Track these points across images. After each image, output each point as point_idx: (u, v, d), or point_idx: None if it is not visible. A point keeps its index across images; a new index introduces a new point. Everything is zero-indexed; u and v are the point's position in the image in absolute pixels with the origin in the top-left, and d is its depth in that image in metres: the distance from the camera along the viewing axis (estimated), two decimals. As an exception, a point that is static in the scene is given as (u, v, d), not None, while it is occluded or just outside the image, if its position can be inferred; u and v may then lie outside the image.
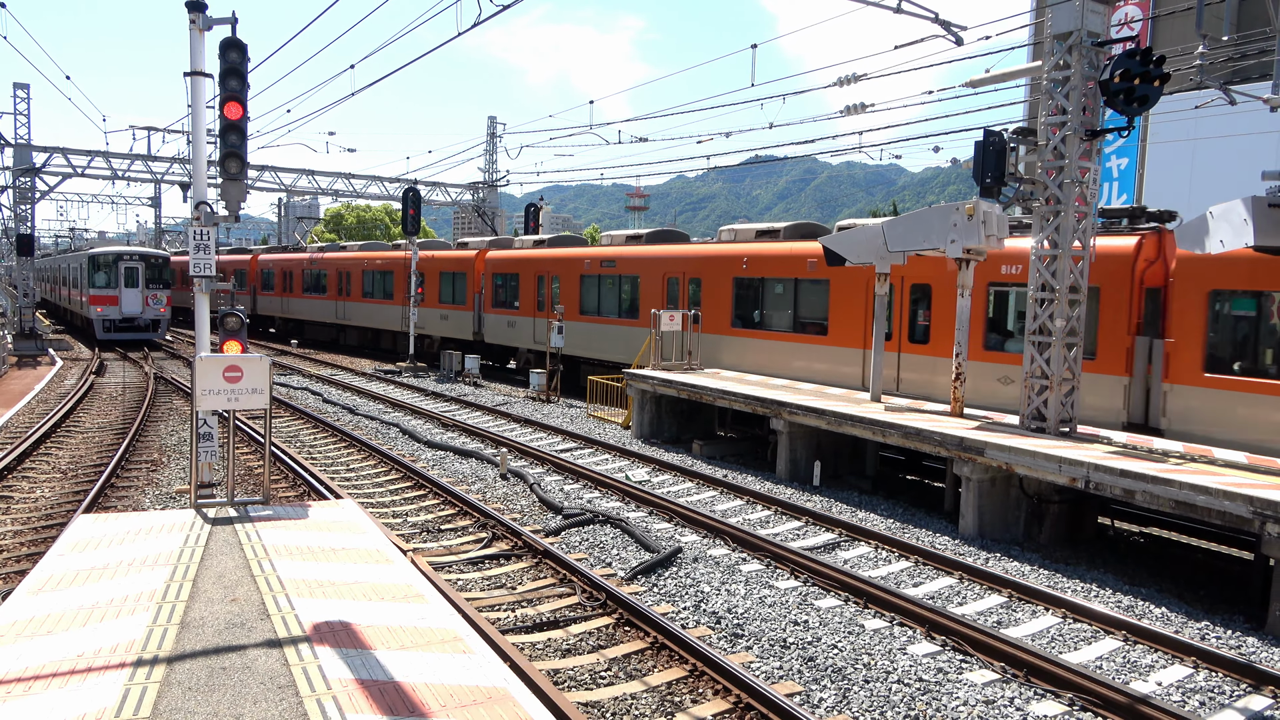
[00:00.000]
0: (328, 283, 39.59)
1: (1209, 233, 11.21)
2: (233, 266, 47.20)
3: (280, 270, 43.59)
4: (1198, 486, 9.68)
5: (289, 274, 42.61)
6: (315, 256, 40.94)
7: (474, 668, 5.52)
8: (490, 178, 46.33)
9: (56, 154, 37.70)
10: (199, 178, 11.72)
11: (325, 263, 39.95)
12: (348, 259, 38.27)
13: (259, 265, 45.89)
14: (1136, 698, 7.19)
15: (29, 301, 37.48)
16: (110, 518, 8.50)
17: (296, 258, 42.69)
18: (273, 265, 44.51)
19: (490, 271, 30.20)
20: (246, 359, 8.84)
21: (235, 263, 47.98)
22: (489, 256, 30.46)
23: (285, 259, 43.86)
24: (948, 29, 15.16)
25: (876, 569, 10.85)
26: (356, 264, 37.40)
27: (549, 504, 13.38)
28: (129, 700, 4.90)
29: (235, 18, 11.28)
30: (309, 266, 40.84)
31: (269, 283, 44.71)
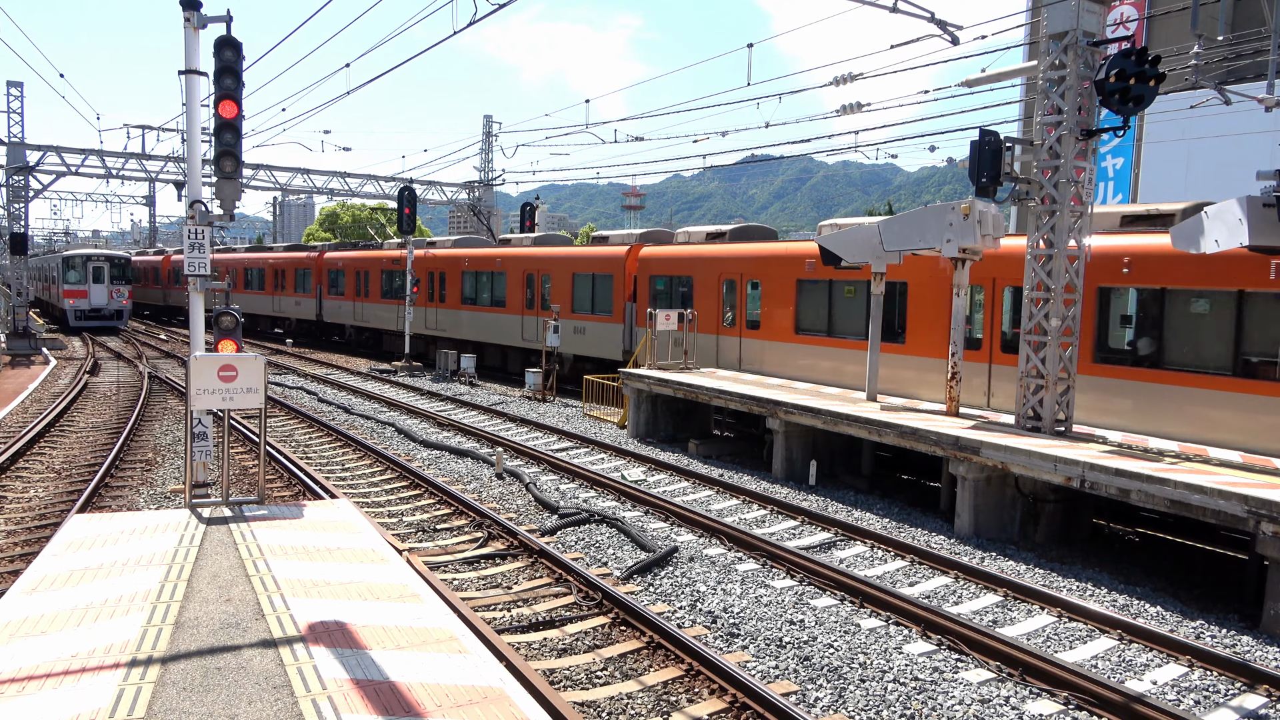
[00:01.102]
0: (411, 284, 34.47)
1: (1204, 232, 11.22)
2: (293, 265, 42.50)
3: (353, 270, 37.69)
4: (1193, 486, 9.70)
5: (362, 274, 36.98)
6: (399, 255, 34.45)
7: (470, 668, 5.51)
8: (486, 177, 46.29)
9: (50, 152, 37.60)
10: (194, 176, 11.69)
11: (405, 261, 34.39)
12: (440, 257, 32.58)
13: (325, 265, 40.22)
14: (1132, 697, 7.21)
15: (23, 300, 37.38)
16: (104, 517, 8.47)
17: (372, 256, 36.82)
18: (343, 265, 38.50)
19: (649, 273, 23.18)
20: (241, 358, 8.82)
21: (296, 261, 42.57)
22: (646, 254, 23.59)
23: (358, 258, 37.81)
24: (944, 28, 15.17)
25: (872, 568, 10.86)
26: (452, 263, 31.69)
27: (545, 503, 13.36)
28: (123, 700, 4.88)
29: (230, 16, 11.24)
30: (389, 266, 35.01)
31: (338, 285, 39.06)
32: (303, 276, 41.57)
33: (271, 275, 44.14)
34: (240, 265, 47.70)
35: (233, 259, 48.81)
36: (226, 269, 46.87)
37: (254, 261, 46.54)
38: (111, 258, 45.03)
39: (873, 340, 15.72)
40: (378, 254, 36.52)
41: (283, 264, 43.28)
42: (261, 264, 45.71)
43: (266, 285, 44.44)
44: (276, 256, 44.75)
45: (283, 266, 43.08)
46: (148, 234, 75.67)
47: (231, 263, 48.03)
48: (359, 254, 37.98)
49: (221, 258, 48.12)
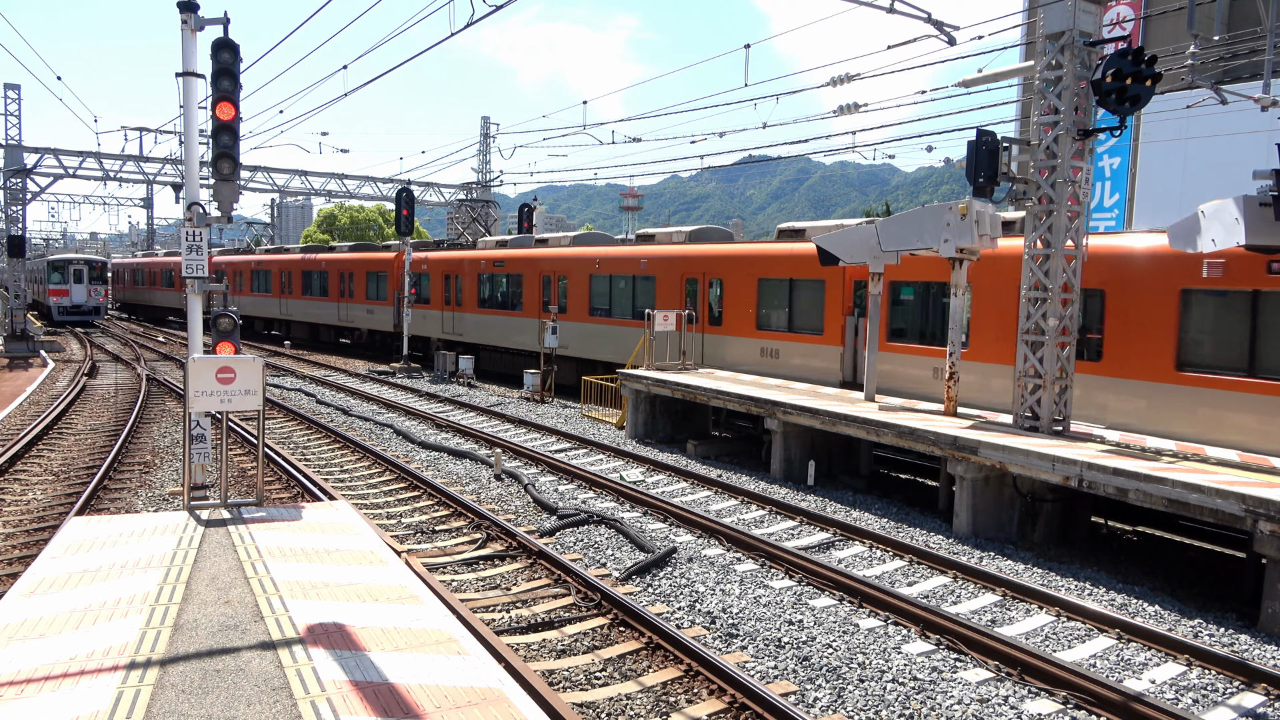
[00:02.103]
0: (526, 292, 27.34)
1: (1200, 231, 11.24)
2: (363, 267, 36.52)
3: (443, 273, 31.77)
4: (1190, 485, 9.72)
5: (452, 278, 31.07)
6: (507, 255, 28.60)
7: (469, 669, 5.51)
8: (484, 178, 46.30)
9: (48, 155, 37.58)
10: (191, 178, 11.69)
11: (524, 262, 27.72)
12: (562, 257, 26.23)
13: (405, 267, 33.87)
14: (1130, 696, 7.22)
15: (20, 303, 37.34)
16: (103, 520, 8.47)
17: (469, 256, 30.68)
18: (428, 266, 32.56)
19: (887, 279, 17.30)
20: (239, 360, 8.81)
21: (370, 263, 36.36)
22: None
23: (449, 258, 31.72)
24: (940, 29, 15.20)
25: (871, 568, 10.86)
26: (579, 264, 25.42)
27: (544, 504, 13.36)
28: (122, 703, 4.88)
29: (227, 18, 11.25)
30: (493, 269, 29.13)
31: (421, 290, 33.05)
32: (376, 281, 35.65)
33: (336, 279, 38.34)
34: (295, 267, 42.13)
35: (287, 260, 43.72)
36: (280, 270, 43.07)
37: (313, 263, 40.81)
38: (90, 261, 51.31)
39: (871, 340, 15.73)
40: (476, 254, 30.32)
41: (350, 266, 37.39)
42: (323, 265, 39.77)
43: (330, 290, 38.83)
44: (342, 257, 38.64)
45: (350, 269, 37.25)
46: (145, 236, 75.58)
47: (285, 264, 43.24)
48: (449, 254, 32.01)
49: (274, 258, 44.68)
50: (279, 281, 43.58)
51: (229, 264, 48.55)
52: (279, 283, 43.45)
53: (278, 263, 44.13)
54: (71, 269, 49.63)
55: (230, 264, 48.47)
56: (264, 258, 45.95)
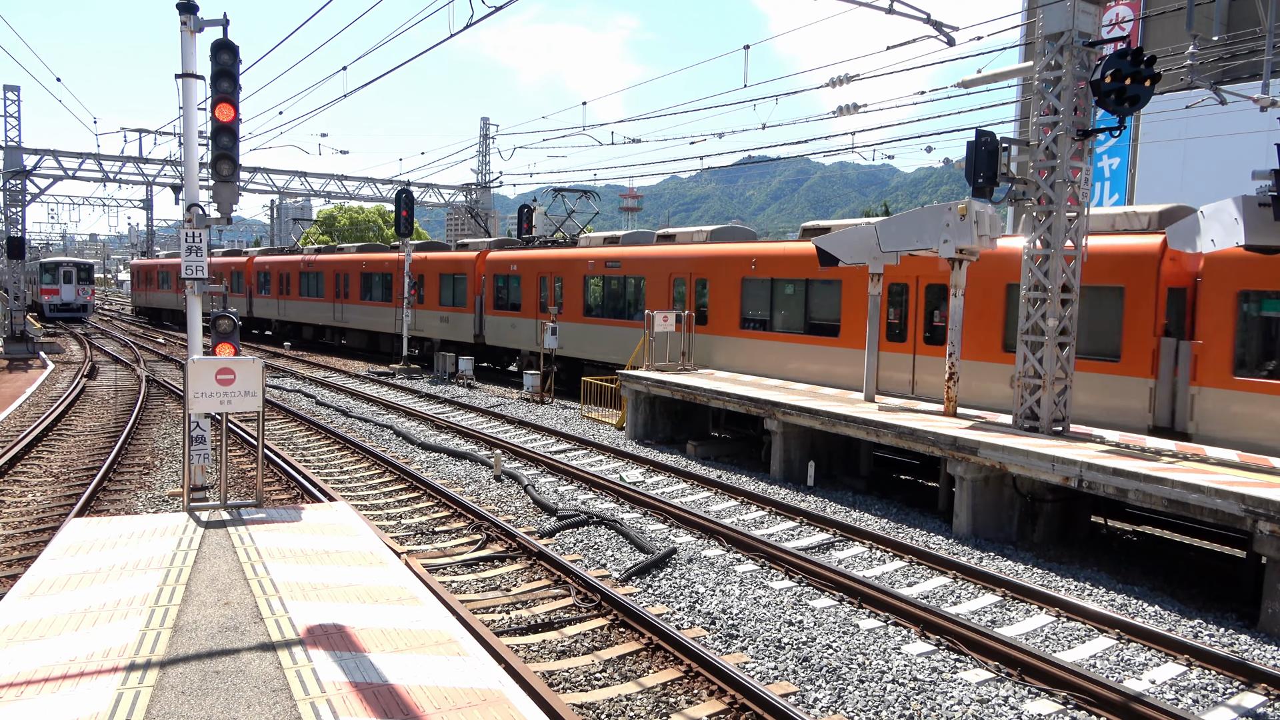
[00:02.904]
0: (649, 298, 22.73)
1: (1200, 232, 11.25)
2: (435, 269, 32.30)
3: (538, 275, 27.06)
4: (1190, 485, 9.72)
5: (549, 279, 26.56)
6: (617, 255, 24.22)
7: (469, 670, 5.51)
8: (483, 179, 46.33)
9: (47, 156, 37.56)
10: (191, 180, 11.69)
11: (646, 262, 23.09)
12: (702, 256, 21.54)
13: (488, 268, 29.66)
14: (1130, 696, 7.21)
15: (20, 304, 37.32)
16: (102, 521, 8.47)
17: (569, 255, 26.12)
18: (521, 268, 28.03)
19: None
20: (239, 361, 8.81)
21: (445, 264, 32.03)
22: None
23: (542, 258, 27.26)
24: (939, 29, 15.21)
25: (871, 569, 10.86)
26: (713, 264, 21.01)
27: (543, 505, 13.36)
28: (122, 704, 4.88)
29: (226, 19, 11.26)
30: (601, 270, 24.57)
31: (507, 295, 28.53)
32: (452, 284, 31.25)
33: (402, 282, 33.75)
34: (352, 268, 37.10)
35: (342, 260, 38.37)
36: (334, 272, 38.28)
37: (375, 264, 35.99)
38: (78, 264, 55.94)
39: (870, 341, 15.73)
40: (579, 253, 25.84)
41: (420, 267, 33.01)
42: (386, 266, 35.04)
43: (395, 295, 33.99)
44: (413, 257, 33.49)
45: (421, 270, 32.99)
46: (145, 237, 75.60)
47: (340, 265, 38.12)
48: (546, 254, 27.30)
49: (327, 259, 39.71)
50: (333, 284, 38.46)
51: (273, 264, 44.22)
52: (333, 286, 38.49)
53: (331, 264, 38.78)
54: (61, 270, 54.28)
55: (275, 265, 44.09)
56: (315, 258, 41.01)
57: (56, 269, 54.58)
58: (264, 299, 45.35)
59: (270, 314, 44.65)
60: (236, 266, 48.59)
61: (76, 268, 55.26)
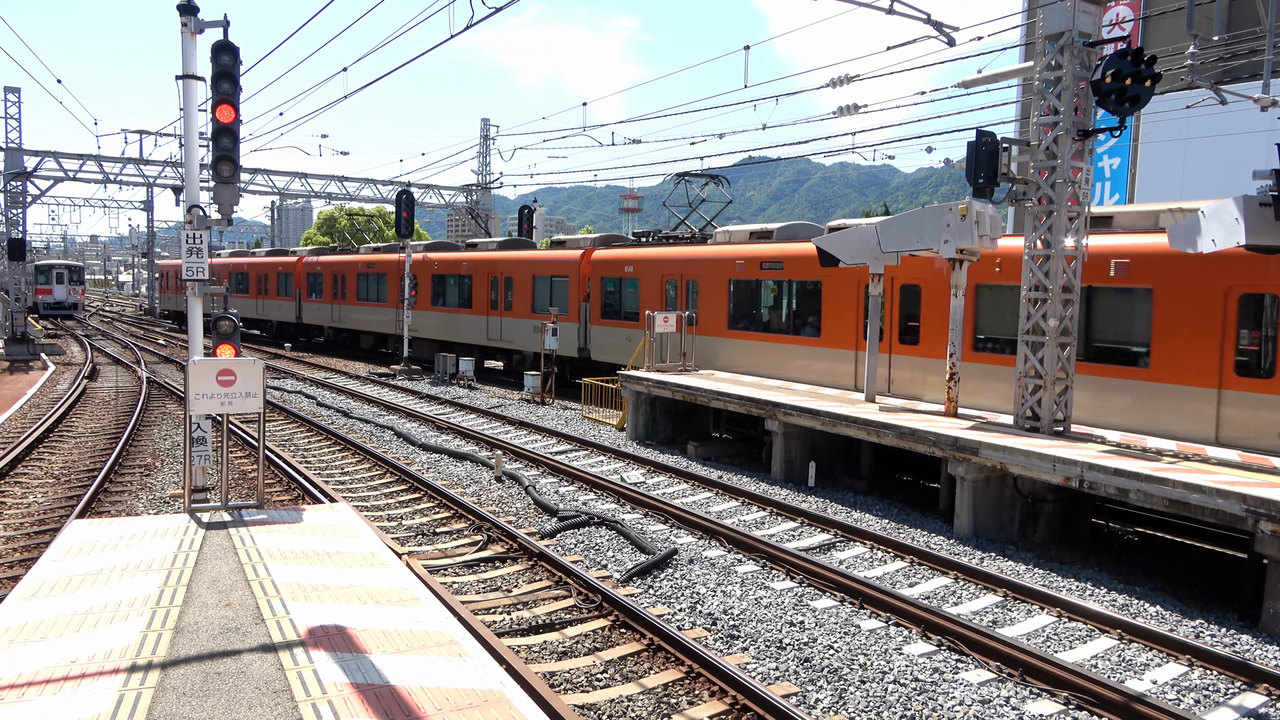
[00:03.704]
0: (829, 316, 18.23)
1: (1201, 232, 11.24)
2: (529, 269, 27.62)
3: (662, 277, 22.57)
4: (1191, 485, 9.71)
5: (678, 283, 22.06)
6: (777, 254, 19.38)
7: (470, 671, 5.51)
8: (484, 180, 46.35)
9: (48, 158, 37.58)
10: (191, 181, 11.69)
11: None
12: None
13: (594, 269, 24.99)
14: (1132, 696, 7.21)
15: (21, 306, 37.34)
16: (104, 523, 8.47)
17: (708, 255, 21.41)
18: (636, 269, 23.56)
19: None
20: (240, 363, 8.82)
21: (535, 263, 27.59)
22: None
23: (669, 257, 22.62)
24: (940, 30, 15.21)
25: (872, 569, 10.86)
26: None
27: (544, 506, 13.36)
28: (123, 706, 4.88)
29: (227, 20, 11.26)
30: (755, 273, 19.98)
31: (619, 302, 24.26)
32: (549, 289, 26.71)
33: (486, 285, 29.22)
34: (421, 270, 32.83)
35: (434, 260, 33.51)
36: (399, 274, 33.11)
37: (449, 264, 31.66)
38: (69, 266, 62.38)
39: (871, 340, 15.72)
40: (722, 251, 21.01)
41: (509, 267, 28.41)
42: (464, 268, 30.46)
43: (476, 301, 29.66)
44: (496, 257, 29.22)
45: (508, 271, 28.36)
46: (146, 239, 75.63)
47: (432, 265, 33.20)
48: (675, 252, 22.55)
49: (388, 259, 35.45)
50: (397, 288, 33.94)
51: (327, 265, 39.61)
52: (397, 289, 33.86)
53: (395, 265, 34.27)
54: (54, 272, 60.32)
55: (329, 265, 39.46)
56: (376, 257, 36.38)
57: (50, 271, 60.33)
58: (315, 303, 40.73)
59: (322, 320, 40.38)
60: (284, 267, 43.52)
61: (68, 270, 61.80)
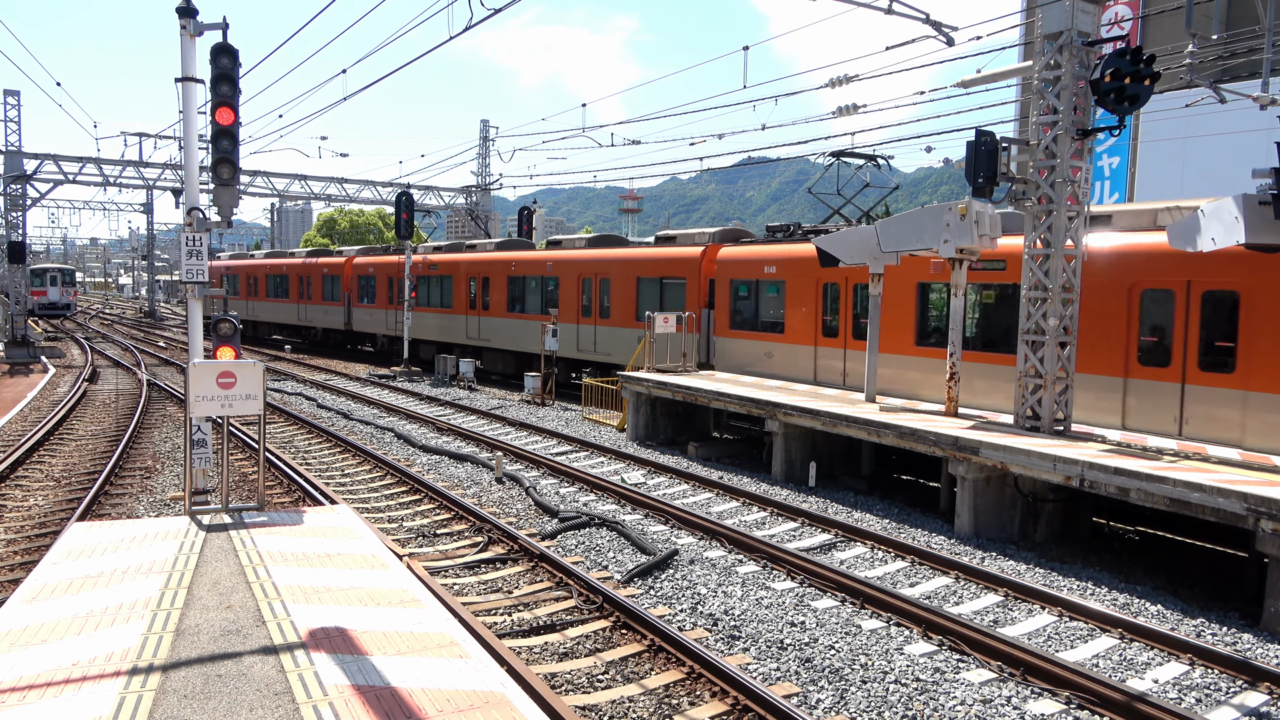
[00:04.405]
0: None
1: (1200, 231, 11.24)
2: (625, 271, 23.91)
3: (817, 280, 18.42)
4: (1192, 484, 9.71)
5: (843, 288, 18.08)
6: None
7: (471, 672, 5.51)
8: (483, 181, 46.36)
9: (48, 161, 37.56)
10: (191, 183, 11.69)
11: None
12: None
13: (721, 270, 21.07)
14: (1133, 695, 7.21)
15: (21, 309, 37.34)
16: (104, 525, 8.47)
17: None
18: (776, 270, 19.66)
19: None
20: (240, 365, 8.82)
21: (645, 263, 23.59)
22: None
23: None
24: (939, 29, 15.20)
25: (873, 569, 10.86)
26: None
27: (545, 507, 13.36)
28: (124, 708, 4.88)
29: (226, 23, 11.26)
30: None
31: (755, 311, 20.27)
32: (658, 291, 22.80)
33: (575, 287, 25.36)
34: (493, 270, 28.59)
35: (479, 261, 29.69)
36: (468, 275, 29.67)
37: (529, 264, 27.53)
38: (62, 270, 68.16)
39: (871, 340, 15.72)
40: None
41: (605, 267, 24.63)
42: (549, 268, 26.67)
43: (566, 305, 25.61)
44: (590, 256, 25.56)
45: (605, 272, 24.49)
46: (145, 241, 75.70)
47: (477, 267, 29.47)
48: None
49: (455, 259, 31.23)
50: (465, 292, 29.47)
51: (381, 267, 35.50)
52: (465, 293, 29.56)
53: (462, 265, 30.36)
54: (49, 275, 65.24)
55: (384, 267, 35.26)
56: (438, 258, 32.50)
57: (44, 274, 65.43)
58: (367, 309, 36.25)
59: (376, 327, 35.99)
60: (330, 269, 39.34)
61: (60, 273, 67.62)
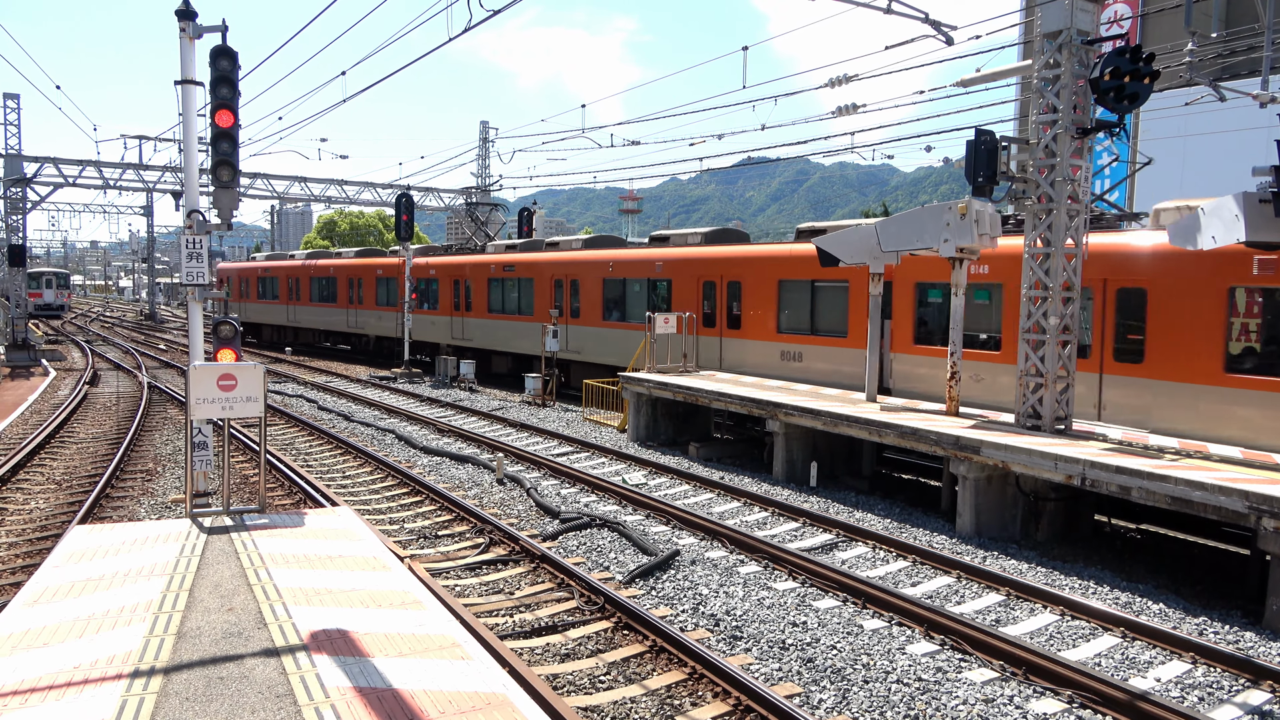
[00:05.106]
0: None
1: (1201, 229, 11.23)
2: (765, 272, 19.86)
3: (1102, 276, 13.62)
4: (1193, 482, 9.70)
5: (1145, 293, 13.25)
6: None
7: (472, 674, 5.50)
8: (483, 182, 46.36)
9: (47, 164, 37.61)
10: (191, 186, 11.69)
11: None
12: None
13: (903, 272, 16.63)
14: (1135, 694, 7.20)
15: (22, 311, 37.36)
16: (105, 528, 8.47)
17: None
18: (989, 270, 15.21)
19: None
20: (241, 367, 8.82)
21: (785, 261, 19.46)
22: None
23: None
24: (938, 29, 15.19)
25: (874, 569, 10.85)
26: None
27: (546, 508, 13.36)
28: (126, 711, 4.88)
29: (225, 25, 11.26)
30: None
31: (936, 321, 16.47)
32: (808, 300, 18.98)
33: (695, 290, 21.67)
34: (584, 272, 25.38)
35: (572, 260, 26.00)
36: (553, 275, 26.29)
37: (627, 266, 23.95)
38: (56, 273, 71.72)
39: (872, 340, 15.71)
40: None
41: (738, 268, 20.58)
42: (658, 268, 22.97)
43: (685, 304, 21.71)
44: (715, 255, 21.54)
45: (737, 273, 20.57)
46: (145, 244, 75.78)
47: (566, 266, 25.94)
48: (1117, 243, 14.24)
49: (534, 258, 27.57)
50: (546, 296, 26.44)
51: (444, 268, 31.91)
52: (546, 298, 26.46)
53: (546, 266, 26.84)
54: (44, 278, 68.22)
55: (448, 268, 31.64)
56: (516, 258, 28.53)
57: (40, 277, 68.58)
58: (428, 315, 32.84)
59: (439, 336, 32.25)
60: (385, 270, 34.77)
61: (55, 276, 71.07)
